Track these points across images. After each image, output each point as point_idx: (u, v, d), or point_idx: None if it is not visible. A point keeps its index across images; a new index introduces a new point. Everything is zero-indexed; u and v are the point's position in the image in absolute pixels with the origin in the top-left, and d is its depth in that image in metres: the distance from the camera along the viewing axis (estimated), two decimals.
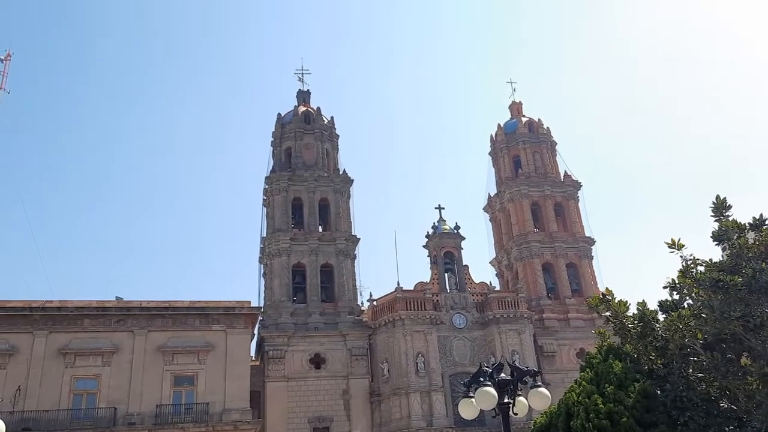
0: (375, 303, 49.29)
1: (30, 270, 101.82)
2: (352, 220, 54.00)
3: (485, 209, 62.36)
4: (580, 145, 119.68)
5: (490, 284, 52.46)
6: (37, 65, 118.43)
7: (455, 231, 52.59)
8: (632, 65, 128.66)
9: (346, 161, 58.84)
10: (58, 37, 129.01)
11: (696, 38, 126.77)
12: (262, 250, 52.74)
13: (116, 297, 40.08)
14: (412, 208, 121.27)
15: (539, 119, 63.54)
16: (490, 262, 60.78)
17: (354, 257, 51.98)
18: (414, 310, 47.20)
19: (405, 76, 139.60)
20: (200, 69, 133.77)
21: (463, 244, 52.37)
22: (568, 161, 62.80)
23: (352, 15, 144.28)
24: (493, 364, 13.24)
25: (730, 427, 15.93)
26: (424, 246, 52.68)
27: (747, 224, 16.88)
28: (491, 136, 64.13)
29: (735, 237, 16.53)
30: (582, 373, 19.37)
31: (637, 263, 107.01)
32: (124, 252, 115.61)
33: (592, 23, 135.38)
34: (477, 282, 51.96)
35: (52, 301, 37.76)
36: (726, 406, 16.20)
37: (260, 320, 45.63)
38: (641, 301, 17.88)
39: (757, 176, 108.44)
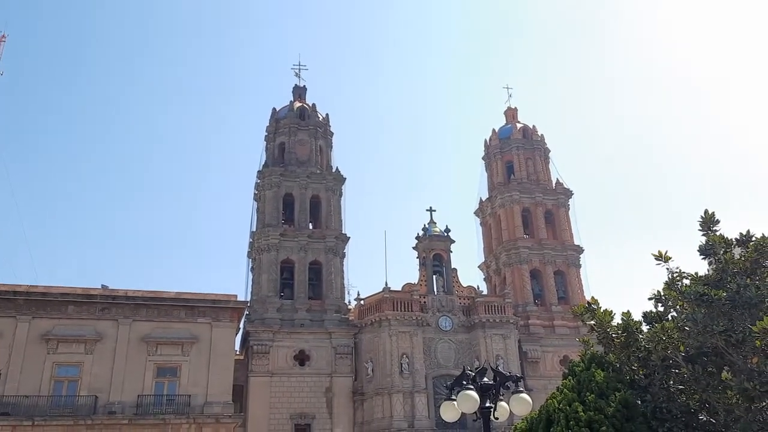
0: (362, 302, 49.29)
1: (16, 254, 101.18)
2: (342, 218, 53.96)
3: (476, 213, 62.50)
4: (572, 153, 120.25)
5: (478, 288, 52.63)
6: (30, 49, 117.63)
7: (445, 234, 52.69)
8: (628, 75, 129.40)
9: (339, 159, 58.81)
10: (51, 23, 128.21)
11: (693, 48, 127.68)
12: (251, 245, 52.59)
13: (102, 285, 39.80)
14: (403, 209, 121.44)
15: (534, 126, 63.77)
16: (478, 266, 60.93)
17: (343, 256, 51.94)
18: (401, 310, 47.24)
19: (401, 78, 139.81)
20: (195, 63, 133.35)
21: (453, 247, 52.55)
22: (561, 169, 63.03)
23: (349, 15, 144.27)
24: (476, 368, 13.29)
25: None
26: (413, 247, 52.76)
27: (734, 240, 17.06)
28: (485, 140, 64.30)
29: (721, 252, 16.70)
30: (564, 381, 19.47)
31: (625, 273, 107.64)
32: (111, 241, 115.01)
33: (589, 31, 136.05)
34: (465, 285, 52.09)
35: (36, 286, 37.46)
36: (705, 419, 16.35)
37: (246, 314, 45.47)
38: (626, 311, 18.04)
39: (750, 190, 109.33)
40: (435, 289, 50.48)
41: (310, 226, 53.30)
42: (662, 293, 17.15)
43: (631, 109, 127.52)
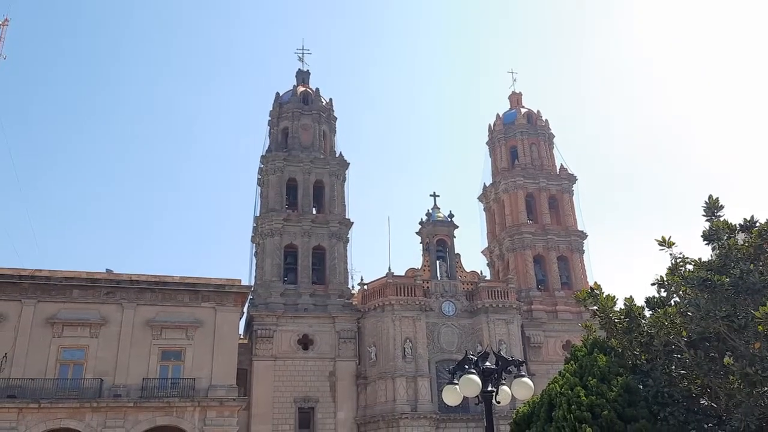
0: (365, 287, 49.40)
1: (21, 238, 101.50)
2: (346, 203, 53.97)
3: (480, 198, 62.40)
4: (577, 139, 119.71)
5: (481, 273, 52.65)
6: (32, 33, 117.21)
7: (449, 219, 52.67)
8: (634, 60, 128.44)
9: (342, 144, 58.71)
10: (54, 9, 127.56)
11: (701, 36, 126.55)
12: (255, 229, 52.65)
13: (106, 269, 39.97)
14: (407, 194, 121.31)
15: (538, 111, 63.46)
16: (482, 252, 60.95)
17: (347, 241, 52.00)
18: (404, 295, 47.35)
19: (405, 62, 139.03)
20: (198, 47, 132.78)
21: (456, 232, 52.58)
22: (565, 154, 62.79)
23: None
24: (479, 353, 13.33)
25: (710, 425, 16.12)
26: (417, 233, 52.78)
27: (738, 225, 17.01)
28: (489, 125, 64.01)
29: (725, 237, 16.66)
30: (566, 365, 19.55)
31: (628, 259, 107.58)
32: (116, 226, 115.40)
33: (596, 15, 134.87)
34: (468, 271, 52.15)
35: (41, 270, 37.57)
36: (706, 403, 16.40)
37: (250, 299, 45.63)
38: (629, 296, 18.05)
39: (755, 175, 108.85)
40: (438, 275, 50.56)
41: (314, 211, 53.33)
42: (665, 279, 17.13)
43: (637, 95, 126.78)
